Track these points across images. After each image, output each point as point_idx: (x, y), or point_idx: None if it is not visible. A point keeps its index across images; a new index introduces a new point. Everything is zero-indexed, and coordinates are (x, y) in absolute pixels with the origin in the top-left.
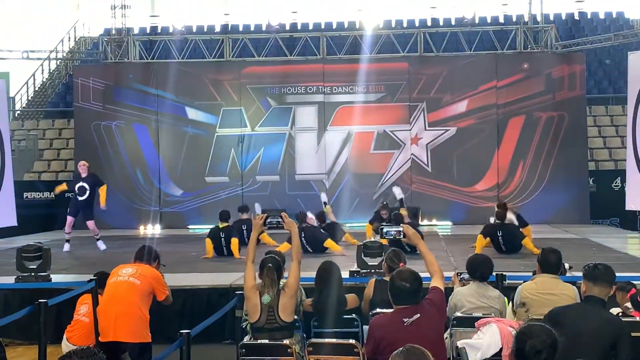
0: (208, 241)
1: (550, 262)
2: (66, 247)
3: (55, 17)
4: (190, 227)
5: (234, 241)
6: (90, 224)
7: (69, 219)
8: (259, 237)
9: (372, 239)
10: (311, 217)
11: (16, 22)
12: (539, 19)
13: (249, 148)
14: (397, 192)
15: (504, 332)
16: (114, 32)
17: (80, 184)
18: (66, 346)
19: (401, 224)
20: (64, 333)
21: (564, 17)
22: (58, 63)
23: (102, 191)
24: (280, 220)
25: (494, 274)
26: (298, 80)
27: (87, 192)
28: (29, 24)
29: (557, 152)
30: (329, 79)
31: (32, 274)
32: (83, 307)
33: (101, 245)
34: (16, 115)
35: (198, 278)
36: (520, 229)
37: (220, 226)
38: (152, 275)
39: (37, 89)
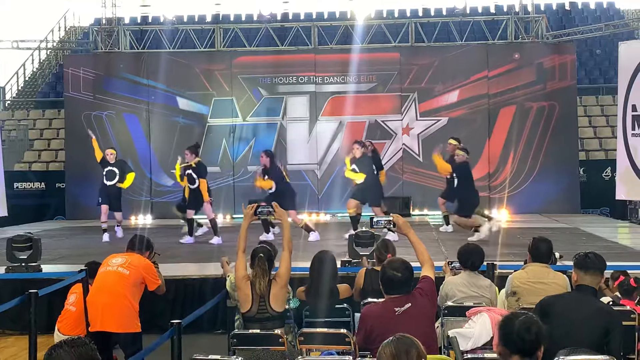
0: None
1: (541, 251)
2: (105, 237)
3: (46, 6)
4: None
5: (203, 182)
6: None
7: (104, 208)
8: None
9: (363, 229)
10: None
11: (6, 11)
12: (529, 9)
13: (241, 138)
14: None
15: (495, 321)
16: (104, 21)
17: (109, 168)
18: (57, 336)
19: (391, 214)
20: (56, 323)
21: (554, 7)
22: (48, 53)
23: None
24: (271, 209)
25: (485, 263)
26: (289, 70)
27: (117, 177)
28: (18, 13)
29: (548, 142)
30: (320, 69)
31: (23, 264)
32: (72, 297)
33: (119, 233)
34: (6, 105)
35: (189, 268)
36: None
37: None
38: (143, 265)
39: (27, 78)
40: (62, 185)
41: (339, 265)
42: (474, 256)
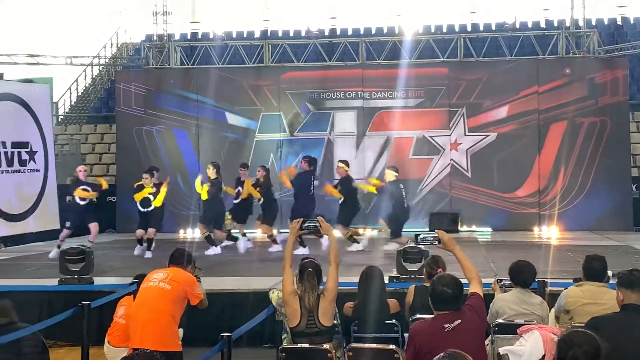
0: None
1: (594, 270)
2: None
3: (98, 23)
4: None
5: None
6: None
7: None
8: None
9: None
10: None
11: (60, 28)
12: (581, 23)
13: (288, 153)
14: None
15: (546, 339)
16: (155, 38)
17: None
18: (107, 348)
19: (436, 230)
20: (105, 336)
21: (606, 22)
22: (100, 69)
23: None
24: (317, 224)
25: (536, 280)
26: (337, 86)
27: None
28: (72, 30)
29: (600, 158)
30: (368, 84)
31: (75, 276)
32: (121, 309)
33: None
34: (59, 120)
35: (237, 282)
36: None
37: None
38: (185, 280)
39: (80, 94)
40: (113, 199)
41: (386, 281)
42: (526, 273)
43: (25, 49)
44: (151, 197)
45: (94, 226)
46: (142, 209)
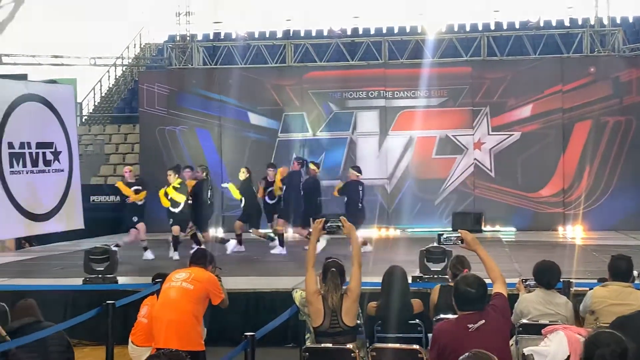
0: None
1: (620, 269)
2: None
3: (122, 24)
4: (251, 230)
5: None
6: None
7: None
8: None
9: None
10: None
11: (84, 29)
12: (605, 21)
13: (311, 153)
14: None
15: (571, 340)
16: (178, 38)
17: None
18: (131, 348)
19: (459, 230)
20: (129, 335)
21: (631, 20)
22: (124, 69)
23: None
24: (340, 224)
25: (561, 280)
26: (359, 85)
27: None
28: (96, 31)
29: (625, 157)
30: (390, 84)
31: (100, 275)
32: (144, 309)
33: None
34: (83, 120)
35: (260, 281)
36: None
37: None
38: (207, 279)
39: (103, 94)
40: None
41: (409, 281)
42: (551, 274)
43: (50, 50)
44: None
45: (141, 225)
46: (171, 209)
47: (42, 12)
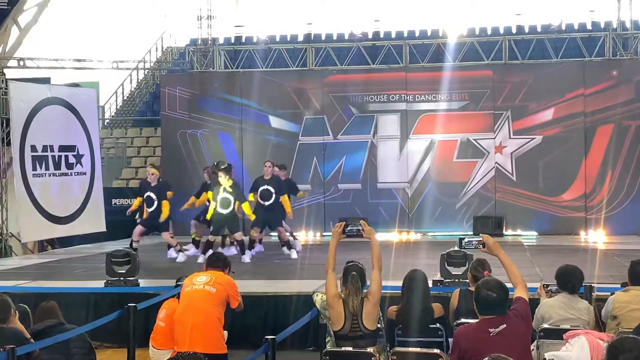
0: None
1: (639, 274)
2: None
3: (144, 28)
4: (272, 234)
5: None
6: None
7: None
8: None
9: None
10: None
11: (106, 33)
12: (628, 25)
13: (331, 156)
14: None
15: (593, 345)
16: (199, 42)
17: (148, 193)
18: (152, 351)
19: (480, 234)
20: (149, 339)
21: None
22: (146, 73)
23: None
24: (360, 227)
25: (583, 285)
26: (380, 89)
27: (155, 204)
28: (118, 35)
29: None
30: (411, 87)
31: (121, 278)
32: (162, 312)
33: (172, 254)
34: (105, 123)
35: (280, 285)
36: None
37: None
38: (227, 282)
39: (125, 98)
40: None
41: (430, 285)
42: (573, 278)
43: (72, 54)
44: (230, 197)
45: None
46: (220, 211)
47: (65, 16)
